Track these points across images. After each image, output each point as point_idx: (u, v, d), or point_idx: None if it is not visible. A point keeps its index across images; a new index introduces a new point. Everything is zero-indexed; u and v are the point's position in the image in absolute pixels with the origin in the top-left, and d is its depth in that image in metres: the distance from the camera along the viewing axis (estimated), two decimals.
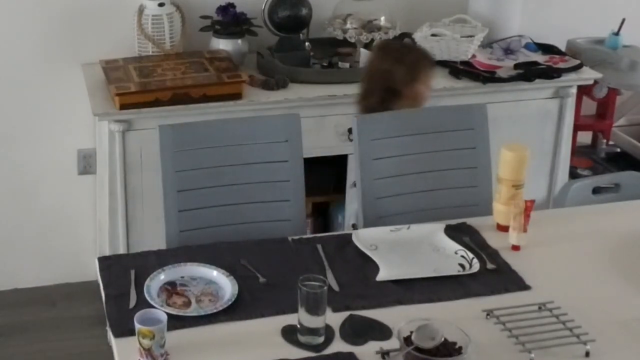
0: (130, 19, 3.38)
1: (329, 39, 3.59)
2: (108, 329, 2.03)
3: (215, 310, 2.07)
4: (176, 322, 2.00)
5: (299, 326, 1.98)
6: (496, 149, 2.58)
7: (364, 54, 3.43)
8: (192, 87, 3.14)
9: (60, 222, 3.63)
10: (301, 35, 3.56)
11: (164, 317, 1.90)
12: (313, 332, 1.97)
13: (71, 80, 3.41)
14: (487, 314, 2.08)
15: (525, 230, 2.38)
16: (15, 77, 3.43)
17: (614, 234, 2.52)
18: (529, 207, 2.37)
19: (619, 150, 4.21)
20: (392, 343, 1.95)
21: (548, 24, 3.96)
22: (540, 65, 3.60)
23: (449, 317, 1.99)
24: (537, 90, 3.58)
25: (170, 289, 2.17)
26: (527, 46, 3.77)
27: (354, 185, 3.02)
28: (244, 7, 3.51)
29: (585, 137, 4.17)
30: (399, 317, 1.98)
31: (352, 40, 3.52)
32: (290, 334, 2.00)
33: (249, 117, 3.03)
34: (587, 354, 1.96)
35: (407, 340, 1.89)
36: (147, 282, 2.15)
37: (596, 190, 3.00)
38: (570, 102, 3.63)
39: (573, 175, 3.85)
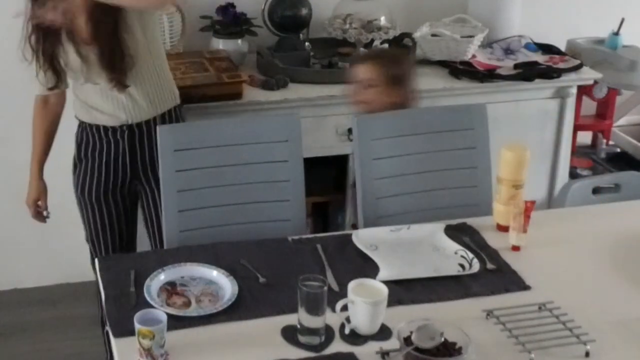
0: None
1: (329, 39, 3.60)
2: (108, 329, 2.03)
3: (215, 311, 2.07)
4: (176, 322, 2.00)
5: (299, 326, 1.98)
6: (496, 149, 2.58)
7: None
8: (192, 87, 3.14)
9: (60, 222, 3.63)
10: (301, 35, 3.56)
11: (164, 317, 1.90)
12: (313, 332, 1.97)
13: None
14: (487, 314, 2.08)
15: (525, 231, 2.38)
16: (14, 77, 3.42)
17: (614, 234, 2.52)
18: (529, 208, 2.37)
19: (619, 150, 4.21)
20: (392, 343, 1.95)
21: (548, 24, 3.96)
22: (540, 65, 3.61)
23: (449, 317, 1.99)
24: (537, 90, 3.59)
25: (170, 289, 2.17)
26: (527, 46, 3.78)
27: (354, 185, 3.03)
28: (244, 7, 3.51)
29: (585, 137, 4.18)
30: (399, 317, 1.98)
31: (352, 40, 3.52)
32: (290, 334, 2.00)
33: (249, 117, 3.04)
34: (587, 354, 1.96)
35: (407, 340, 1.89)
36: (147, 282, 2.15)
37: (596, 191, 3.00)
38: (570, 102, 3.63)
39: (573, 175, 3.86)
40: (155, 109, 2.78)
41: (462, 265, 2.30)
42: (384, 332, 2.01)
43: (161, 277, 2.19)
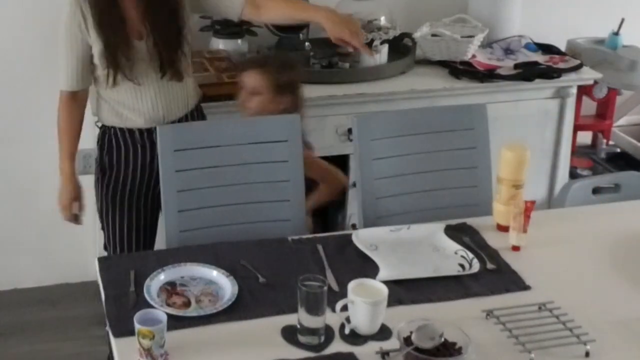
0: None
1: (329, 39, 3.59)
2: (108, 329, 2.03)
3: (215, 311, 2.07)
4: (176, 322, 2.00)
5: (299, 326, 1.98)
6: (496, 149, 2.58)
7: (364, 54, 3.43)
8: None
9: (60, 222, 3.61)
10: (301, 35, 3.56)
11: (164, 317, 1.90)
12: (313, 332, 1.97)
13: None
14: (487, 314, 2.08)
15: (525, 231, 2.38)
16: (14, 76, 3.43)
17: (614, 234, 2.52)
18: (529, 208, 2.37)
19: (619, 150, 4.21)
20: (392, 343, 1.95)
21: (548, 24, 3.96)
22: (540, 65, 3.61)
23: (449, 317, 1.99)
24: (537, 90, 3.59)
25: (170, 289, 2.17)
26: (527, 46, 3.78)
27: (354, 185, 3.02)
28: None
29: (585, 137, 4.18)
30: (399, 317, 1.98)
31: None
32: (290, 334, 2.00)
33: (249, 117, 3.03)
34: (587, 354, 1.96)
35: (407, 340, 1.89)
36: (147, 282, 2.15)
37: (596, 190, 3.00)
38: (570, 102, 3.63)
39: (573, 175, 3.86)
40: (187, 105, 2.77)
41: (462, 265, 2.30)
42: (384, 332, 2.01)
43: (161, 277, 2.19)
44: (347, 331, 2.00)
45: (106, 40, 2.59)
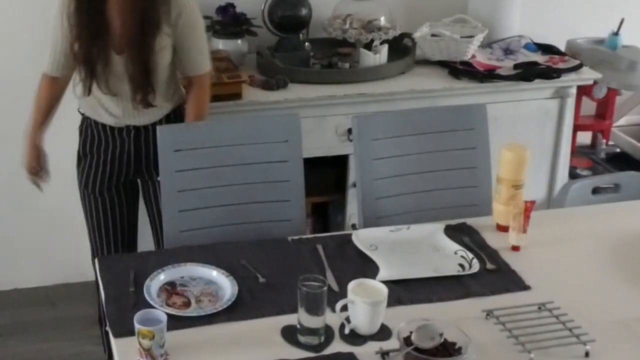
0: None
1: (329, 39, 3.60)
2: (108, 329, 2.03)
3: (215, 310, 2.07)
4: (176, 322, 2.00)
5: (299, 326, 1.98)
6: (496, 149, 2.58)
7: (364, 54, 3.44)
8: None
9: (60, 222, 3.63)
10: (301, 35, 3.56)
11: (164, 318, 1.90)
12: (313, 332, 1.97)
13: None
14: (487, 314, 2.08)
15: (525, 231, 2.38)
16: (15, 77, 3.43)
17: (614, 234, 2.52)
18: (528, 208, 2.37)
19: (618, 150, 4.21)
20: (392, 343, 1.95)
21: (548, 24, 3.96)
22: (540, 65, 3.61)
23: (449, 317, 1.99)
24: (537, 90, 3.59)
25: (170, 289, 2.17)
26: (527, 46, 3.78)
27: (354, 185, 3.03)
28: (244, 7, 3.51)
29: (585, 137, 4.18)
30: (399, 317, 1.98)
31: (352, 40, 3.52)
32: (290, 334, 2.00)
33: (249, 117, 3.04)
34: (587, 354, 1.96)
35: (407, 340, 1.89)
36: (147, 282, 2.15)
37: (596, 191, 3.00)
38: (570, 102, 3.63)
39: (573, 175, 3.86)
40: (163, 111, 2.80)
41: (462, 265, 2.30)
42: (383, 332, 2.01)
43: (161, 277, 2.19)
44: (347, 331, 2.00)
45: (86, 51, 2.64)
